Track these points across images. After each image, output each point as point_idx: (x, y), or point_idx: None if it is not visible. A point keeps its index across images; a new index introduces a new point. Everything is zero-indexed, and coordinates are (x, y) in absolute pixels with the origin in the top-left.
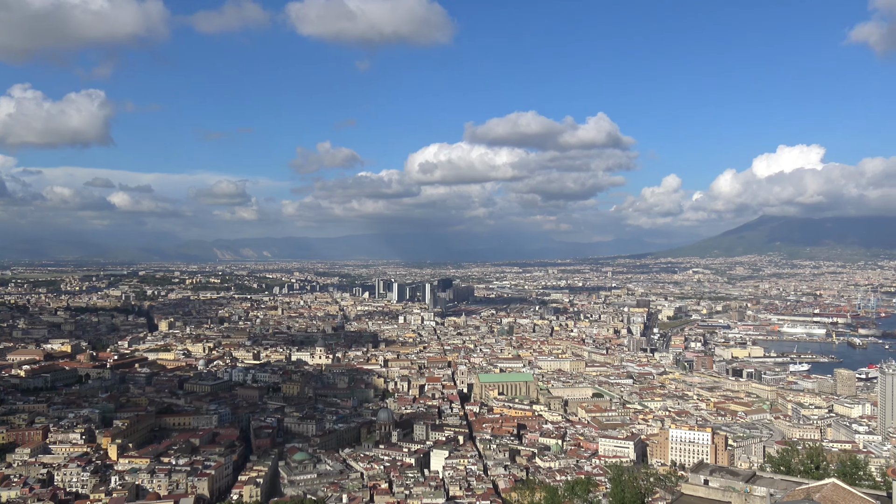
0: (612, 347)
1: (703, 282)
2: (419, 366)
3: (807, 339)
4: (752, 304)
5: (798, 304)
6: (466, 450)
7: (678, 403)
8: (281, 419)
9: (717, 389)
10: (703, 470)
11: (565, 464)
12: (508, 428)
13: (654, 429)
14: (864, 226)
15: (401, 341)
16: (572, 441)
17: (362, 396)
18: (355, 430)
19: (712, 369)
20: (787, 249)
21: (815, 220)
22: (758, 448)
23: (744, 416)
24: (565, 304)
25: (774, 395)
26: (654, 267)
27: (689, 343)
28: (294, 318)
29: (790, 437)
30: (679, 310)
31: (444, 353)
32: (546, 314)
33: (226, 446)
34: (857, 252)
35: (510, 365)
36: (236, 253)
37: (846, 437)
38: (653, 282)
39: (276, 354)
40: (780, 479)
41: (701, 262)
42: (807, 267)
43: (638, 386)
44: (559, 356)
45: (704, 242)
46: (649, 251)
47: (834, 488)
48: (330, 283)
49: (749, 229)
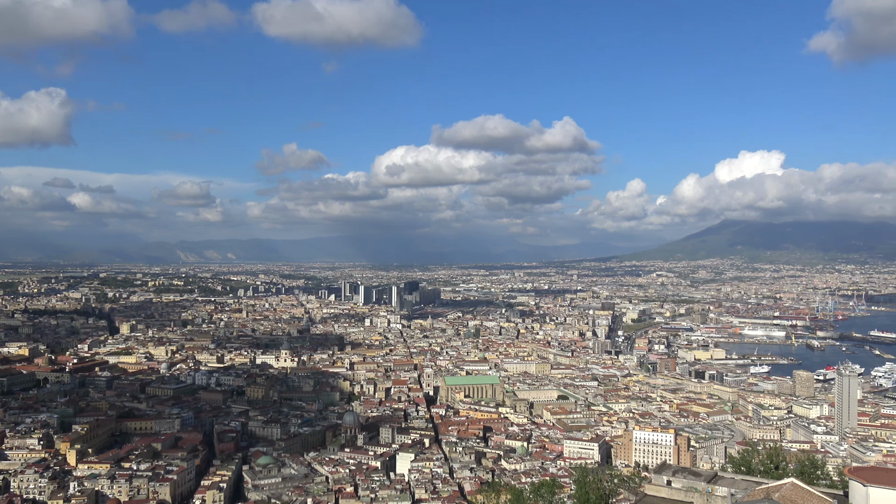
0: (578, 350)
1: (666, 285)
2: (385, 368)
3: (767, 342)
4: (715, 307)
5: (759, 307)
6: (432, 452)
7: (642, 405)
8: (245, 423)
9: (680, 391)
10: (665, 471)
11: (531, 466)
12: (474, 430)
13: (619, 430)
14: (822, 230)
15: (367, 344)
16: (538, 443)
17: (328, 399)
18: (321, 434)
19: (675, 371)
20: (749, 253)
21: (775, 224)
22: (719, 449)
23: (706, 418)
24: (531, 306)
25: (736, 396)
26: (619, 270)
27: (652, 345)
28: (259, 321)
29: (751, 438)
30: (643, 312)
31: (410, 355)
32: (512, 317)
33: (188, 451)
34: (815, 256)
35: (476, 367)
36: (200, 255)
37: (804, 437)
38: (617, 285)
39: (241, 357)
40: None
41: (665, 266)
42: (767, 271)
43: (602, 388)
44: (525, 359)
45: (668, 246)
46: (614, 254)
47: (793, 488)
48: (295, 285)
49: (711, 233)
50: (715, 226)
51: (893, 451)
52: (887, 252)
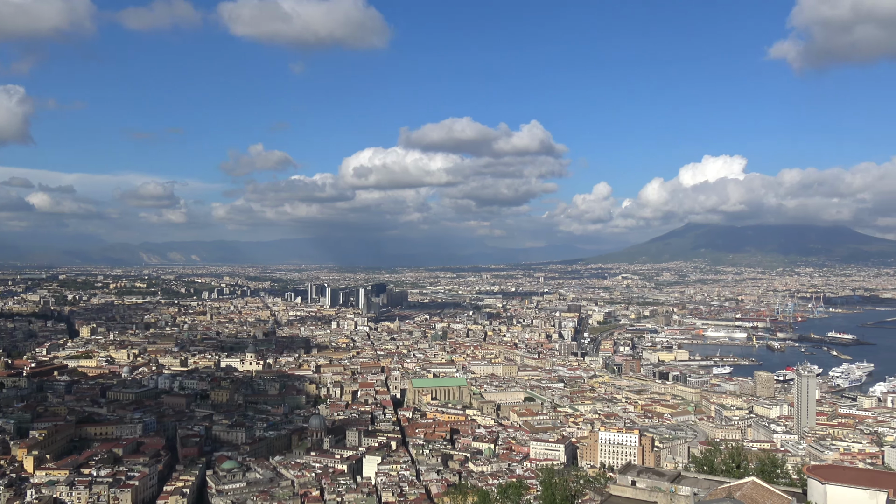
0: (544, 352)
1: (631, 287)
2: (352, 371)
3: (729, 343)
4: (678, 308)
5: (721, 308)
6: (399, 455)
7: (607, 406)
8: (209, 427)
9: (644, 392)
10: (630, 471)
11: (497, 467)
12: (441, 433)
13: (585, 431)
14: (782, 234)
15: (333, 347)
16: (504, 445)
17: (294, 403)
18: (286, 438)
19: (640, 372)
20: (711, 256)
21: (737, 227)
22: (683, 449)
23: (670, 418)
24: (498, 309)
25: (699, 396)
26: (585, 272)
27: (618, 347)
28: (224, 324)
29: (713, 438)
30: (609, 314)
31: (377, 358)
32: (479, 319)
33: (150, 456)
34: (776, 259)
35: (443, 370)
36: (163, 257)
37: (765, 436)
38: (584, 287)
39: (205, 361)
40: (704, 478)
41: (630, 268)
42: (729, 273)
43: (569, 389)
44: (492, 361)
45: (633, 249)
46: (580, 257)
47: (753, 486)
48: (261, 287)
49: (675, 236)
50: (679, 229)
51: (850, 450)
52: (844, 255)
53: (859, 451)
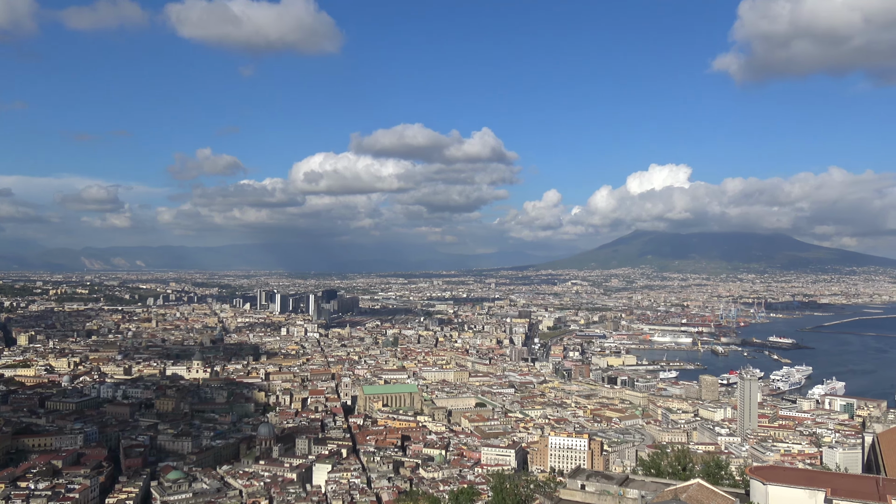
0: (495, 357)
1: (581, 293)
2: (302, 378)
3: (675, 348)
4: (626, 314)
5: (667, 314)
6: (350, 463)
7: (557, 411)
8: (154, 437)
9: (593, 397)
10: (579, 475)
11: (448, 474)
12: (392, 440)
13: (535, 436)
14: (725, 241)
15: (283, 353)
16: (456, 451)
17: (242, 411)
18: (234, 446)
19: (589, 377)
20: (658, 263)
21: (682, 235)
22: (631, 452)
23: (618, 422)
24: (450, 315)
25: (646, 401)
26: (536, 279)
27: (567, 352)
28: (169, 331)
29: (660, 441)
30: (559, 320)
31: (327, 365)
32: (431, 325)
33: (92, 467)
34: (719, 265)
35: (395, 376)
36: (107, 262)
37: (710, 439)
38: (534, 293)
39: (150, 369)
40: (651, 481)
41: (579, 275)
42: (675, 279)
43: (519, 395)
44: (443, 367)
45: (582, 255)
46: (531, 263)
47: (699, 488)
48: (209, 293)
49: (623, 243)
50: (626, 236)
51: (790, 451)
52: (784, 262)
53: (799, 452)
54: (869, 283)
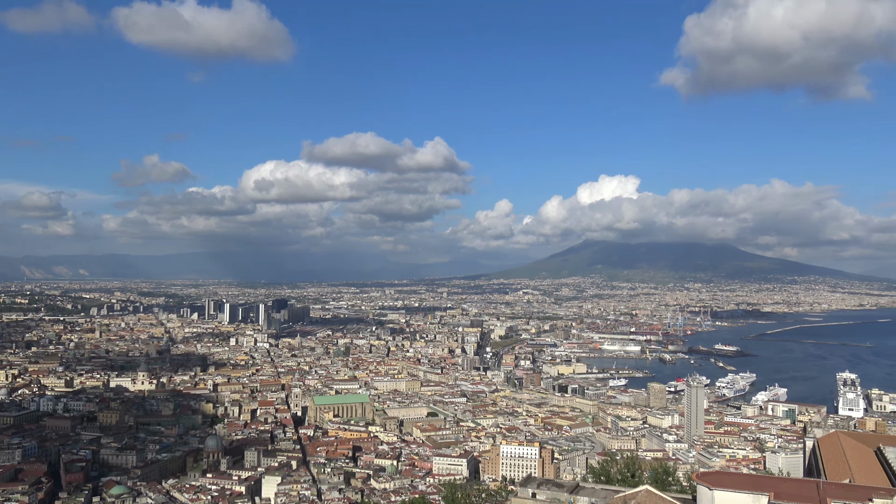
0: (447, 367)
1: (532, 302)
2: (251, 389)
3: (624, 356)
4: (577, 323)
5: (617, 323)
6: (300, 475)
7: (509, 420)
8: (96, 451)
9: (544, 405)
10: (531, 483)
11: (400, 484)
12: (343, 450)
13: (486, 445)
14: (673, 251)
15: (232, 364)
16: (407, 461)
17: (189, 423)
18: (181, 460)
19: (540, 386)
20: (608, 272)
21: (631, 244)
22: (581, 460)
23: (569, 430)
24: (402, 324)
25: (596, 408)
26: (488, 288)
27: (519, 361)
28: (114, 342)
29: (609, 449)
30: (510, 329)
31: (277, 375)
32: (383, 335)
33: (30, 484)
34: (667, 275)
35: (346, 386)
36: (48, 271)
37: (658, 445)
38: (486, 302)
39: (93, 381)
40: (601, 488)
41: (530, 284)
42: (624, 288)
43: (471, 404)
44: (395, 376)
45: (534, 265)
46: (483, 272)
47: (647, 494)
48: (155, 303)
49: (573, 253)
50: (577, 245)
51: (735, 456)
52: (729, 271)
53: (743, 458)
54: (809, 292)
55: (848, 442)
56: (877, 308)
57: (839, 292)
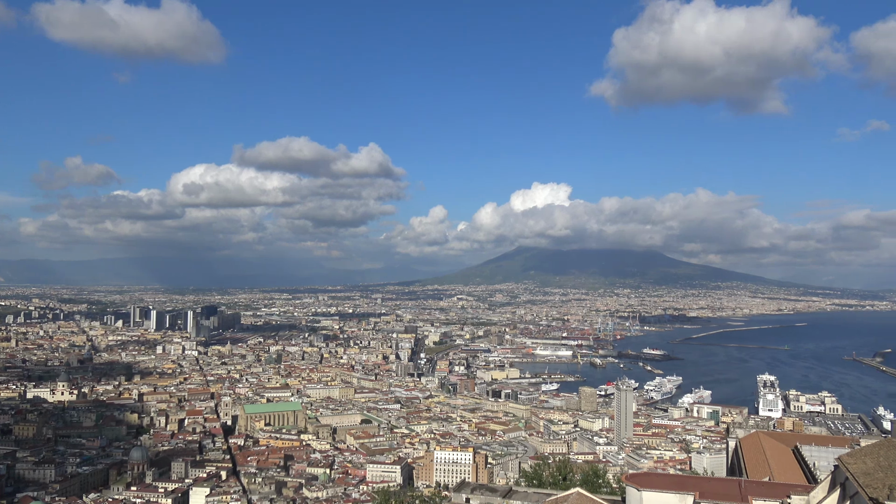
0: (381, 373)
1: (466, 308)
2: (179, 399)
3: (556, 361)
4: (510, 328)
5: (549, 328)
6: (230, 485)
7: (443, 426)
8: (11, 465)
9: (478, 410)
10: (464, 489)
11: (333, 492)
12: (275, 459)
13: (421, 451)
14: (603, 257)
15: (159, 373)
16: (341, 469)
17: (113, 435)
18: (103, 473)
19: (474, 391)
20: (540, 278)
21: (563, 251)
22: (514, 464)
23: (502, 435)
24: (335, 330)
25: (529, 413)
26: (422, 294)
27: (453, 367)
28: (31, 350)
29: (542, 452)
30: (445, 335)
31: (206, 384)
32: (316, 341)
33: None
34: (597, 281)
35: (278, 394)
36: None
37: (589, 448)
38: (420, 308)
39: (8, 392)
40: (533, 492)
41: (465, 290)
42: (556, 294)
43: (405, 410)
44: (328, 383)
45: (468, 271)
46: (417, 278)
47: (578, 497)
48: (77, 310)
49: (507, 259)
50: (510, 252)
51: (663, 457)
52: (656, 278)
53: (670, 458)
54: (732, 298)
55: (768, 441)
56: (794, 312)
57: (759, 298)
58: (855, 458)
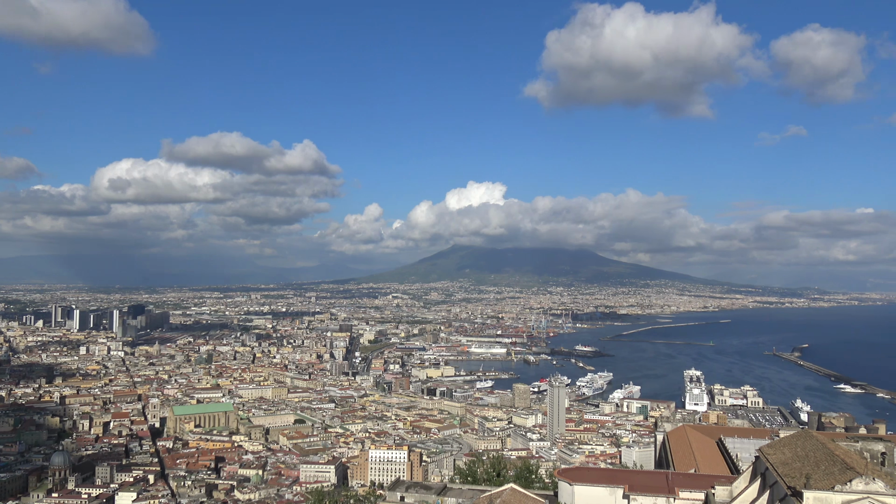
0: (315, 372)
1: (401, 306)
2: (104, 401)
3: (491, 358)
4: (445, 326)
5: (484, 326)
6: (158, 489)
7: (378, 424)
8: None
9: (413, 408)
10: (399, 487)
11: (266, 494)
12: (205, 462)
13: (355, 451)
14: (536, 256)
15: (82, 374)
16: (273, 470)
17: (32, 440)
18: (22, 479)
19: (409, 389)
20: (475, 276)
21: (498, 249)
22: (449, 461)
23: (437, 433)
24: (268, 329)
25: (464, 410)
26: (357, 292)
27: (388, 365)
28: None
29: (476, 449)
30: (380, 333)
31: (133, 385)
32: (248, 341)
33: None
34: (531, 279)
35: (209, 395)
36: None
37: (522, 444)
38: (355, 307)
39: None
40: (468, 488)
41: (400, 288)
42: (491, 292)
43: (340, 409)
44: (261, 384)
45: (403, 269)
46: (352, 277)
47: (511, 492)
48: None
49: (442, 257)
50: (446, 250)
51: (594, 452)
52: (588, 276)
53: (601, 453)
54: (660, 295)
55: (693, 434)
56: (718, 310)
57: (686, 295)
58: (774, 449)
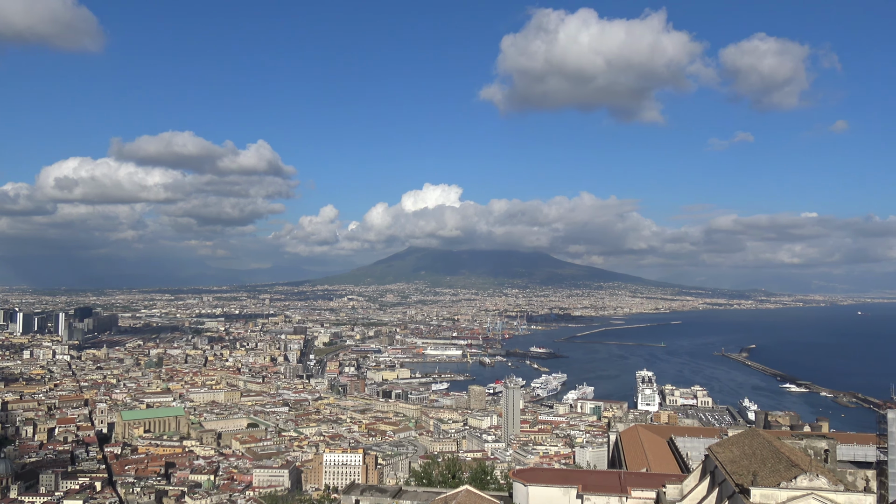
0: (269, 375)
1: (357, 308)
2: (49, 406)
3: (446, 360)
4: (401, 328)
5: (440, 328)
6: (105, 496)
7: (332, 427)
8: None
9: (368, 411)
10: (354, 491)
11: (218, 499)
12: (155, 468)
13: (310, 454)
14: (492, 258)
15: (25, 379)
16: (226, 475)
17: None
18: None
19: (364, 392)
20: (431, 278)
21: (454, 251)
22: (404, 464)
23: (392, 435)
24: (221, 332)
25: (419, 413)
26: (312, 294)
27: (343, 368)
28: None
29: (432, 451)
30: (335, 335)
31: (80, 390)
32: (200, 343)
33: None
34: (487, 281)
35: (159, 399)
36: None
37: (478, 446)
38: (310, 309)
39: None
40: (423, 491)
41: (355, 290)
42: (447, 294)
43: (294, 413)
44: (213, 387)
45: (358, 271)
46: (307, 279)
47: (467, 494)
48: None
49: (398, 259)
50: (401, 252)
51: (549, 453)
52: (543, 278)
53: (556, 453)
54: (613, 297)
55: (645, 434)
56: (670, 311)
57: (638, 297)
58: (723, 448)
